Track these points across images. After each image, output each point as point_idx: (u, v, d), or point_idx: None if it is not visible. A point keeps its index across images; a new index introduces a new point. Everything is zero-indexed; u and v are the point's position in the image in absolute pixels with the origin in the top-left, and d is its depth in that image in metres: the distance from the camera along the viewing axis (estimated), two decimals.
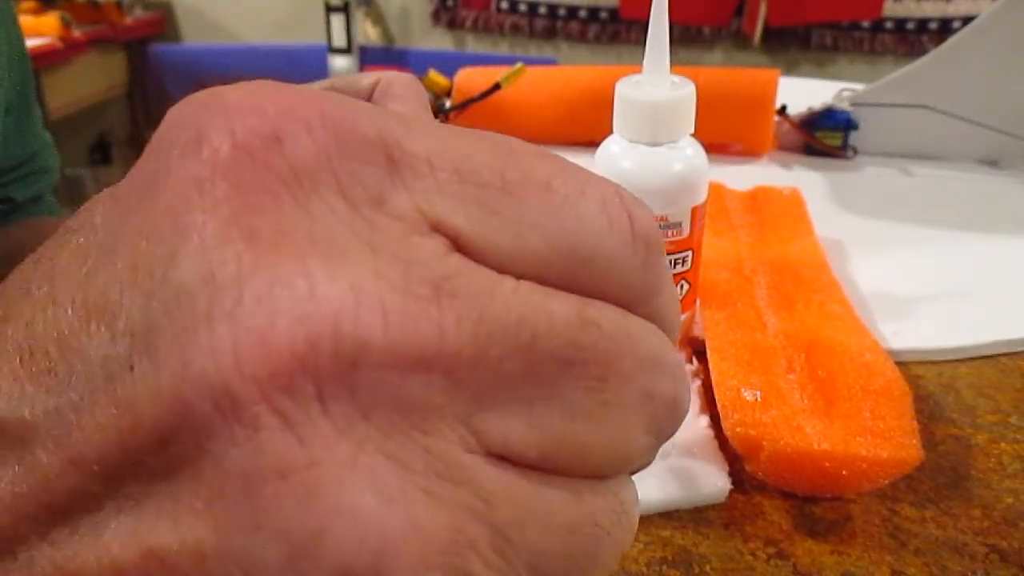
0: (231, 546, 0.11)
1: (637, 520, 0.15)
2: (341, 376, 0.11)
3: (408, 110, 0.27)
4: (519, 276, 0.13)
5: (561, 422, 0.13)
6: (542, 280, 0.13)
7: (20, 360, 0.13)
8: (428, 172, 0.13)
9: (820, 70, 2.04)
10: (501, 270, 0.13)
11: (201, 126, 0.12)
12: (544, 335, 0.13)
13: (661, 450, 0.15)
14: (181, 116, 0.13)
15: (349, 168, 0.13)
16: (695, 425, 0.36)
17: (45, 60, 1.90)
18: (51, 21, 1.98)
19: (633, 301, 0.14)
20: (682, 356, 0.15)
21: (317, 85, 0.26)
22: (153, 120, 2.45)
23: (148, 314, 0.12)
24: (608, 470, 0.14)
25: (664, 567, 0.30)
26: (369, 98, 0.27)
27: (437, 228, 0.13)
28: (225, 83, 0.13)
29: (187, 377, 0.11)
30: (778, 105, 0.68)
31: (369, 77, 0.28)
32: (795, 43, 2.04)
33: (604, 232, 0.14)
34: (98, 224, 0.13)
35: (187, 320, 0.11)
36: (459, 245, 0.13)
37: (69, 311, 0.12)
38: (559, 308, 0.13)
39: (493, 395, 0.12)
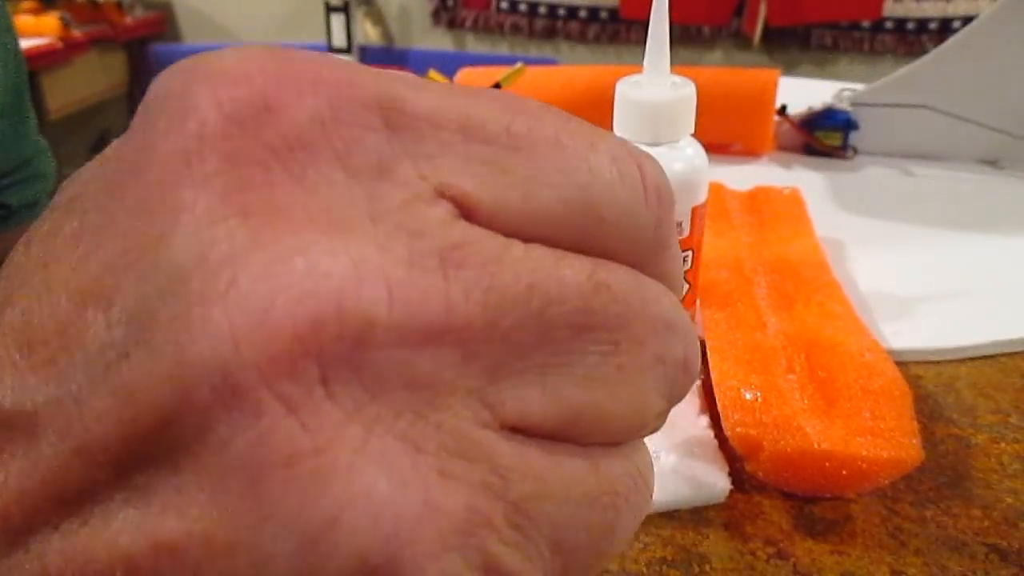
0: (238, 539, 0.11)
1: (653, 486, 0.15)
2: (346, 356, 0.11)
3: None
4: (528, 237, 0.13)
5: (576, 389, 0.13)
6: (552, 241, 0.13)
7: (20, 350, 0.12)
8: (430, 133, 0.12)
9: (820, 70, 2.04)
10: (510, 231, 0.13)
11: (188, 95, 0.12)
12: (555, 301, 0.12)
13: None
14: (167, 85, 0.12)
15: (346, 135, 0.12)
16: (695, 425, 0.36)
17: (45, 60, 1.89)
18: (51, 21, 1.98)
19: (643, 259, 0.14)
20: (688, 316, 0.15)
21: None
22: None
23: (142, 299, 0.11)
24: (624, 436, 0.14)
25: (664, 567, 0.30)
26: None
27: (442, 193, 0.12)
28: None
29: (183, 363, 0.11)
30: (778, 105, 0.68)
31: None
32: (795, 43, 2.04)
33: (616, 186, 0.13)
34: (89, 207, 0.13)
35: (181, 304, 0.11)
36: (466, 207, 0.12)
37: (64, 299, 0.12)
38: (570, 272, 0.13)
39: (506, 366, 0.12)
